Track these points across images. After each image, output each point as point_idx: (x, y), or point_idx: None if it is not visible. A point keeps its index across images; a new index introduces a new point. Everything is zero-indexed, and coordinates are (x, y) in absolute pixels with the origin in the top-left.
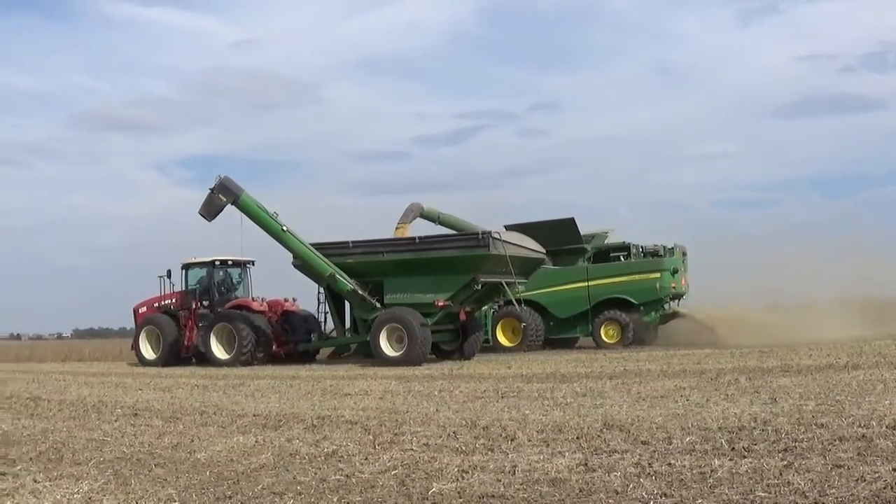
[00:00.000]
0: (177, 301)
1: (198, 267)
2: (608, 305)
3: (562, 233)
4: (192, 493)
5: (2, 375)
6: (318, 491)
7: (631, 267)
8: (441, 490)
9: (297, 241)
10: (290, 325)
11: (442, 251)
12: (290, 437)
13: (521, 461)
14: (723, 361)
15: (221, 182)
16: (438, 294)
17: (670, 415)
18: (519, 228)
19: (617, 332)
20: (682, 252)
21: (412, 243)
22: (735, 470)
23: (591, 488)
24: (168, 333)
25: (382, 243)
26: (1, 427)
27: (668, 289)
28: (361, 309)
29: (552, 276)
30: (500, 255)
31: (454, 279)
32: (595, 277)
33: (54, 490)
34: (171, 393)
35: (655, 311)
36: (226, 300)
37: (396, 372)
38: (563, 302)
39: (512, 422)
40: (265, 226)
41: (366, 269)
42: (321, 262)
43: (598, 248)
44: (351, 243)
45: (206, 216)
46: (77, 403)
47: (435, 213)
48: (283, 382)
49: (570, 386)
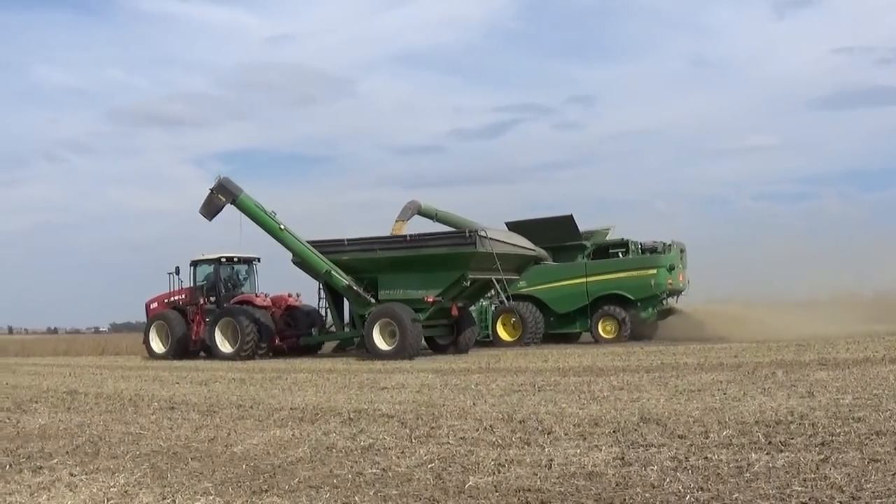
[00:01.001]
0: (185, 297)
1: (205, 264)
2: (606, 301)
3: (561, 230)
4: (229, 486)
5: (39, 369)
6: (354, 484)
7: (628, 263)
8: (477, 483)
9: (295, 239)
10: (293, 320)
11: (432, 249)
12: (327, 431)
13: (557, 455)
14: (760, 355)
15: (220, 182)
16: (429, 290)
17: (707, 408)
18: (519, 225)
19: (614, 328)
20: (681, 249)
21: (404, 241)
22: (771, 464)
23: (627, 482)
24: (176, 328)
25: (376, 241)
26: (38, 421)
27: (663, 285)
28: (357, 304)
29: (552, 273)
30: (488, 252)
31: (444, 276)
32: (593, 274)
33: (90, 483)
34: (208, 387)
35: (652, 306)
36: (232, 296)
37: (434, 365)
38: (562, 298)
39: (549, 415)
40: (263, 224)
41: (361, 265)
42: (318, 260)
43: (598, 244)
44: (346, 241)
45: (206, 215)
46: (114, 397)
47: (432, 211)
48: (321, 376)
49: (607, 379)
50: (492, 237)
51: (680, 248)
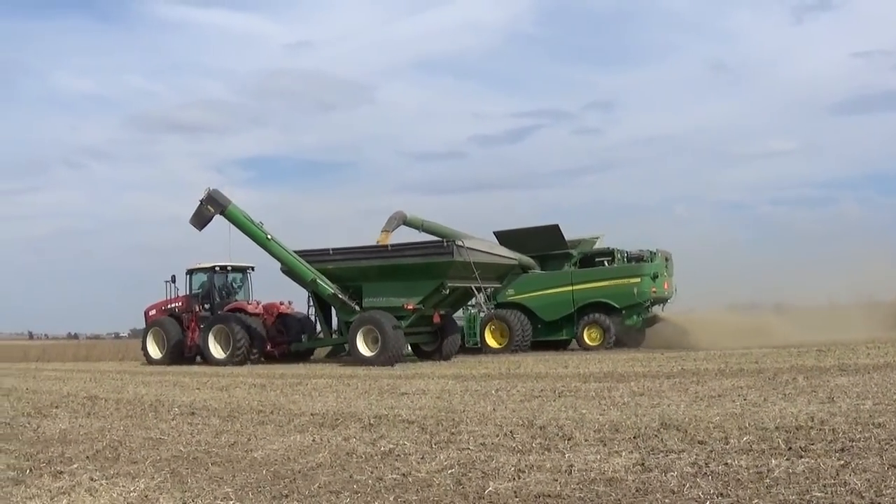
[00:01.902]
0: (182, 304)
1: (200, 272)
2: (592, 309)
3: (547, 239)
4: (249, 491)
5: (60, 374)
6: (374, 490)
7: (613, 272)
8: (497, 489)
9: (282, 248)
10: (285, 327)
11: (411, 258)
12: (347, 436)
13: (577, 461)
14: (780, 361)
15: (210, 194)
16: (410, 298)
17: (727, 414)
18: (508, 235)
19: (599, 335)
20: (665, 258)
21: (385, 251)
22: (792, 470)
23: (647, 488)
24: (172, 335)
25: (359, 250)
26: (58, 426)
27: (647, 293)
28: (342, 312)
29: (539, 281)
30: (465, 261)
31: (424, 284)
32: (579, 282)
33: (111, 488)
34: (228, 392)
35: (637, 314)
36: (226, 303)
37: (454, 371)
38: (549, 305)
39: (569, 421)
40: (251, 234)
41: (345, 274)
42: (304, 268)
43: (585, 253)
44: (331, 250)
45: (196, 226)
46: (134, 402)
47: (418, 221)
48: (341, 381)
49: (628, 385)
50: (469, 247)
51: (665, 257)
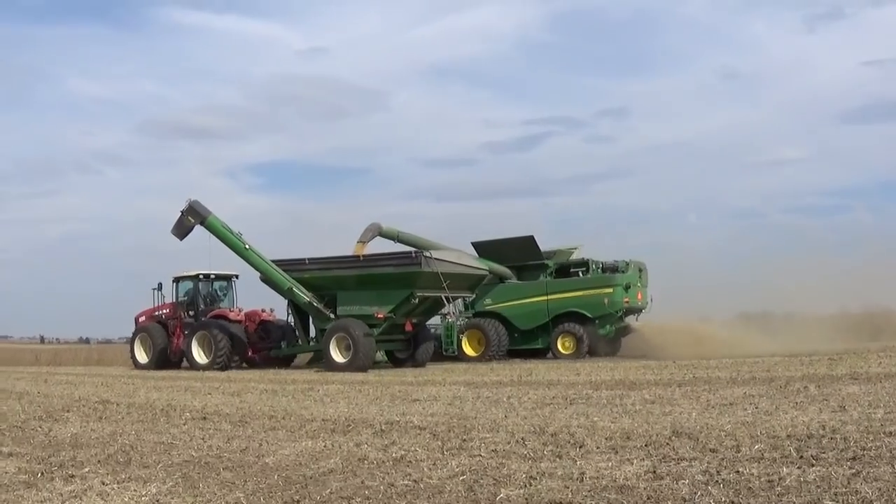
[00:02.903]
0: (169, 311)
1: (186, 280)
2: (566, 318)
3: (523, 249)
4: (260, 496)
5: (71, 378)
6: (385, 496)
7: (586, 282)
8: (508, 496)
9: (259, 257)
10: (266, 333)
11: (382, 268)
12: (359, 442)
13: (589, 468)
14: (792, 369)
15: (191, 205)
16: (381, 307)
17: (739, 422)
18: (485, 245)
19: (573, 344)
20: (639, 268)
21: (357, 261)
22: (803, 478)
23: (658, 496)
24: (157, 340)
25: (333, 260)
26: (70, 430)
27: (619, 303)
28: (318, 319)
29: (515, 291)
30: (433, 272)
31: (394, 294)
32: (554, 292)
33: (122, 492)
34: (240, 397)
35: (610, 324)
36: (210, 310)
37: (465, 378)
38: (524, 315)
39: (580, 428)
40: (230, 244)
41: (321, 283)
42: (280, 277)
43: (560, 263)
44: (307, 260)
45: (178, 236)
46: (145, 407)
47: (394, 233)
48: (352, 387)
49: (640, 393)
50: (437, 258)
51: (639, 268)
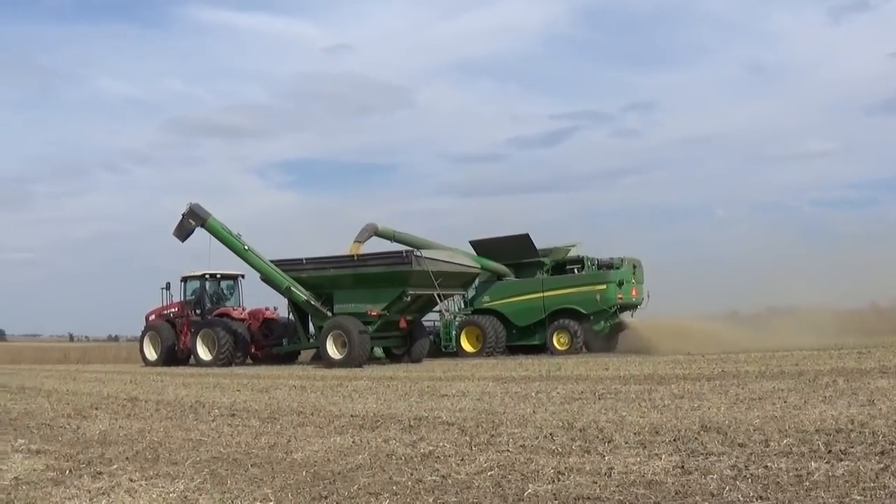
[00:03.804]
0: (178, 310)
1: (193, 280)
2: (562, 315)
3: (518, 247)
4: (288, 492)
5: (100, 376)
6: (413, 491)
7: (580, 279)
8: (537, 491)
9: (258, 258)
10: (269, 331)
11: (375, 268)
12: (387, 438)
13: (617, 463)
14: (821, 363)
15: (191, 208)
16: (375, 305)
17: (768, 417)
18: (482, 243)
19: (568, 340)
20: (633, 265)
21: (352, 261)
22: (831, 473)
23: (687, 491)
24: (165, 338)
25: (329, 260)
26: (98, 427)
27: (612, 300)
28: (316, 317)
29: (512, 288)
30: (424, 270)
31: (387, 292)
32: (549, 289)
33: (150, 489)
34: (268, 394)
35: (604, 320)
36: (216, 309)
37: (494, 373)
38: (521, 311)
39: (609, 423)
40: (229, 245)
41: (318, 282)
42: (279, 277)
43: (557, 261)
44: (304, 260)
45: (179, 237)
46: (174, 404)
47: (390, 232)
48: (381, 383)
49: (668, 388)
50: (428, 257)
51: (633, 265)
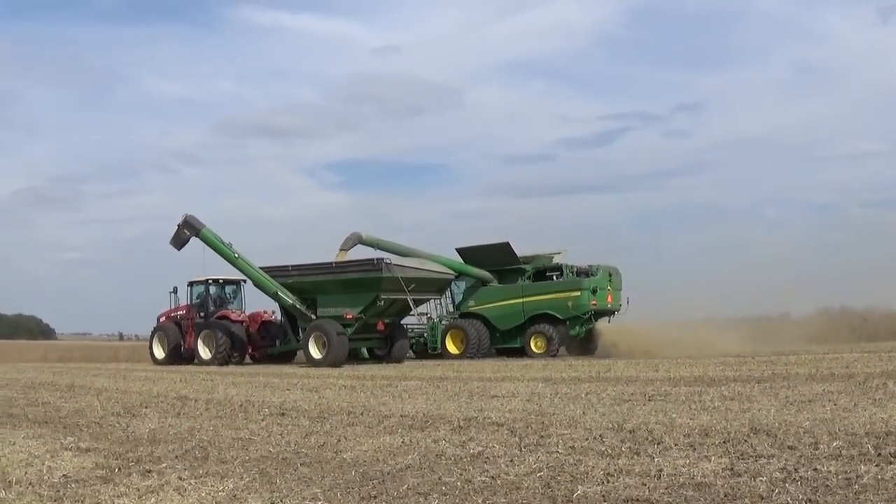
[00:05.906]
0: (185, 312)
1: (199, 284)
2: (540, 319)
3: (500, 255)
4: (337, 492)
5: (149, 375)
6: (462, 492)
7: (556, 286)
8: (586, 493)
9: (248, 265)
10: (266, 333)
11: (350, 274)
12: (437, 438)
13: (666, 465)
14: (871, 366)
15: (186, 220)
16: (352, 308)
17: (817, 419)
18: (467, 251)
19: (544, 344)
20: (609, 273)
21: (331, 268)
22: (881, 476)
23: (736, 493)
24: (172, 339)
25: (313, 267)
26: (148, 425)
27: (585, 306)
28: (301, 320)
29: (495, 293)
30: (395, 277)
31: (362, 296)
32: (529, 294)
33: (199, 488)
34: (318, 393)
35: (580, 325)
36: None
37: (544, 374)
38: (503, 316)
39: (658, 425)
40: (221, 253)
41: (303, 287)
42: (267, 282)
43: (538, 268)
44: (290, 267)
45: (175, 246)
46: (224, 403)
47: (374, 241)
48: (431, 384)
49: (718, 390)
50: (398, 264)
51: (609, 272)
